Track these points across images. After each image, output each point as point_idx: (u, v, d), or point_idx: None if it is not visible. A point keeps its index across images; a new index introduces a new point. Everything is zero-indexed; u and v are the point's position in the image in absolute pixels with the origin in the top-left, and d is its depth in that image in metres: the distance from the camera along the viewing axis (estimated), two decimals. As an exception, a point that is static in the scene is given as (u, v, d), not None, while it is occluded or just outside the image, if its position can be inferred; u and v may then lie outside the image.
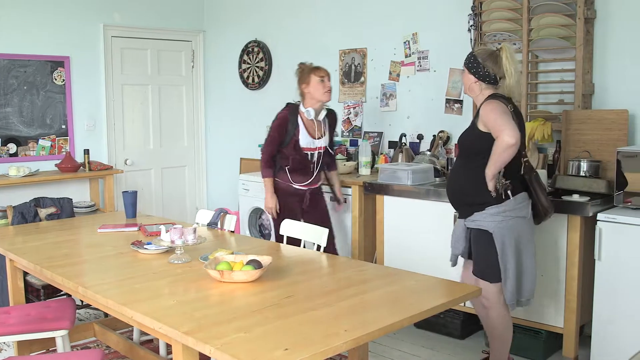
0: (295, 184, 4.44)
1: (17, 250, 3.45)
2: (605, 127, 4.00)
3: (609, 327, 3.58)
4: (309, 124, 4.43)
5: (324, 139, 4.49)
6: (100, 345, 4.22)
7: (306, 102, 4.42)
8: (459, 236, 3.52)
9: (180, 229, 3.13)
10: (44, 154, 6.11)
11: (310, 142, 4.42)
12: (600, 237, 3.57)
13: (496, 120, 3.19)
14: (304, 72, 4.42)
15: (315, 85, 4.35)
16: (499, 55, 3.35)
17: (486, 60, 3.35)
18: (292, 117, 4.40)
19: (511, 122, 3.18)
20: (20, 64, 5.90)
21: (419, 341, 4.30)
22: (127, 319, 2.51)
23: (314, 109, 4.40)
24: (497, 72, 3.34)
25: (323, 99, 4.38)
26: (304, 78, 4.40)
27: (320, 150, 4.47)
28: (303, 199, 4.48)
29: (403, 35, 5.30)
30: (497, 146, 3.18)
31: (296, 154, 4.39)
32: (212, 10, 7.10)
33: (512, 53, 3.34)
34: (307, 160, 4.44)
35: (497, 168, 3.24)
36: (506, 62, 3.32)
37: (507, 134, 3.12)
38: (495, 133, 3.19)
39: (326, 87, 4.36)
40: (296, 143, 4.37)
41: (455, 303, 2.57)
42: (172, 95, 7.03)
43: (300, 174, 4.45)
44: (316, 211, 4.52)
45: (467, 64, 3.43)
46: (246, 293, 2.58)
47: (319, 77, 4.35)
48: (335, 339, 2.07)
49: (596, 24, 4.18)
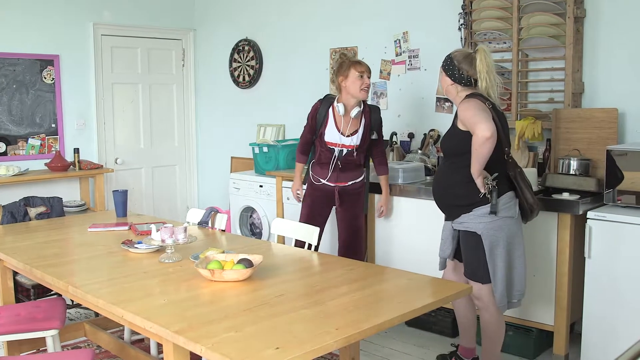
0: (316, 176, 4.36)
1: (7, 249, 3.43)
2: (595, 126, 4.02)
3: (599, 325, 3.60)
4: (339, 118, 4.25)
5: (354, 138, 4.24)
6: (90, 345, 4.21)
7: (342, 96, 4.24)
8: (446, 238, 3.52)
9: (171, 228, 3.12)
10: (33, 153, 6.08)
11: (337, 137, 4.23)
12: (590, 235, 3.58)
13: (472, 117, 3.20)
14: (343, 64, 4.20)
15: (353, 80, 4.13)
16: (474, 57, 3.34)
17: (461, 63, 3.35)
18: (323, 108, 4.29)
19: (486, 116, 3.18)
20: (9, 62, 5.86)
21: (410, 339, 4.31)
22: (118, 319, 2.50)
23: (347, 104, 4.21)
24: (472, 74, 3.34)
25: (359, 96, 4.16)
26: (342, 70, 4.18)
27: (347, 149, 4.24)
28: (333, 197, 4.33)
29: (394, 34, 5.30)
30: (474, 142, 3.18)
31: (322, 147, 4.28)
32: (203, 8, 7.08)
33: (487, 55, 3.32)
34: (331, 155, 4.26)
35: (480, 164, 3.22)
36: (480, 64, 3.30)
37: (481, 128, 3.12)
38: (472, 129, 3.20)
39: (364, 84, 4.14)
40: (321, 135, 4.27)
41: (446, 301, 2.57)
42: (163, 94, 7.01)
43: (323, 168, 4.32)
44: (347, 211, 4.35)
45: (444, 65, 3.44)
46: (237, 292, 2.58)
47: (359, 72, 4.13)
48: (326, 337, 2.07)
49: (586, 22, 4.20)
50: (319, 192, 4.35)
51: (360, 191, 4.38)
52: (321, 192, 4.35)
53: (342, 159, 4.27)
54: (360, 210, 4.40)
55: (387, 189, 4.42)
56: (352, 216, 4.36)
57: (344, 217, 4.35)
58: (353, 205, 4.37)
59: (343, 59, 4.29)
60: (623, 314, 3.50)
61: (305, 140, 4.40)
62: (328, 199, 4.34)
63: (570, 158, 3.98)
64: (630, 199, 3.59)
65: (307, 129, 4.39)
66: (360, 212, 4.41)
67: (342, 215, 4.36)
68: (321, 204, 4.36)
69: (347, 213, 4.35)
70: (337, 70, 4.24)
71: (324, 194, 4.34)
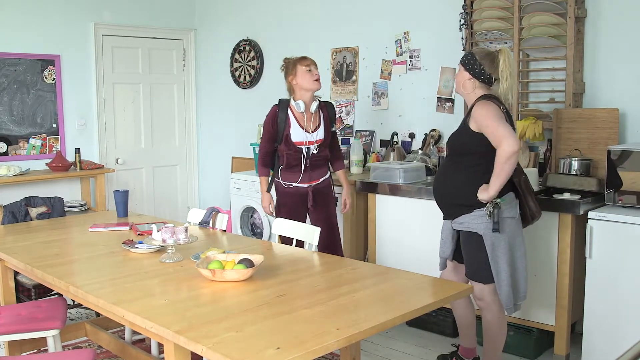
0: (287, 182, 4.32)
1: (8, 249, 3.43)
2: (596, 126, 4.02)
3: (600, 325, 3.60)
4: (300, 117, 4.28)
5: (319, 132, 4.31)
6: (91, 344, 4.21)
7: (296, 95, 4.29)
8: (446, 239, 3.51)
9: (172, 228, 3.12)
10: (34, 153, 6.09)
11: (303, 135, 4.26)
12: (591, 235, 3.58)
13: (496, 129, 3.15)
14: (289, 64, 4.29)
15: (302, 75, 4.21)
16: (497, 57, 3.32)
17: (483, 59, 3.33)
18: (281, 111, 4.29)
19: (509, 127, 3.16)
20: (10, 62, 5.87)
21: (411, 339, 4.31)
22: (119, 319, 2.50)
23: (304, 101, 4.26)
24: (492, 72, 3.32)
25: (313, 87, 4.23)
26: (289, 70, 4.27)
27: (316, 144, 4.28)
28: (306, 196, 4.32)
29: (394, 34, 5.30)
30: (499, 156, 3.13)
31: (289, 149, 4.25)
32: (204, 8, 7.09)
33: (510, 57, 3.32)
34: (300, 156, 4.27)
35: (502, 181, 3.17)
36: (503, 65, 3.29)
37: (509, 143, 3.09)
38: (495, 142, 3.16)
39: (314, 76, 4.22)
40: (287, 137, 4.24)
41: (446, 301, 2.57)
42: (164, 94, 7.02)
43: (293, 172, 4.30)
44: (322, 210, 4.35)
45: (464, 60, 3.42)
46: (238, 292, 2.58)
47: (305, 66, 4.22)
48: (327, 337, 2.07)
49: (587, 22, 4.20)
50: (292, 197, 4.33)
51: (329, 188, 4.43)
52: (294, 197, 4.32)
53: (310, 157, 4.30)
54: (333, 207, 4.44)
55: (347, 182, 4.49)
56: (327, 215, 4.37)
57: (319, 217, 4.33)
58: (326, 203, 4.39)
59: (287, 61, 4.35)
60: (624, 314, 3.50)
61: (267, 151, 4.35)
62: (302, 201, 4.33)
63: (571, 158, 3.98)
64: (631, 199, 3.59)
65: (265, 139, 4.34)
66: (334, 209, 4.44)
67: (317, 215, 4.35)
68: (297, 208, 4.32)
69: (322, 212, 4.36)
70: (285, 72, 4.33)
71: (297, 197, 4.32)
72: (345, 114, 5.75)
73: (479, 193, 3.24)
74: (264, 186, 4.39)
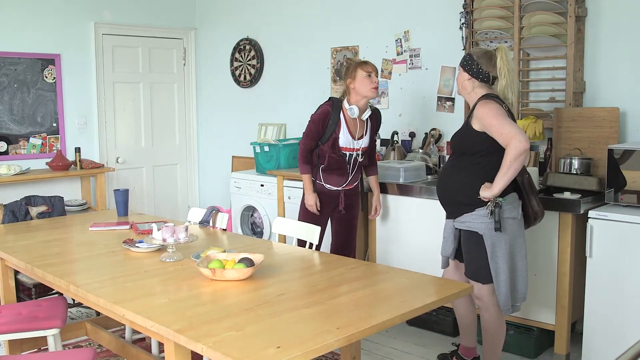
0: (329, 185, 4.25)
1: (8, 248, 3.43)
2: (596, 125, 4.02)
3: (600, 324, 3.60)
4: (351, 122, 4.19)
5: (364, 140, 4.25)
6: (92, 344, 4.21)
7: (351, 98, 4.15)
8: (448, 237, 3.50)
9: (172, 227, 3.12)
10: (34, 152, 6.09)
11: (350, 141, 4.18)
12: (592, 235, 3.58)
13: (503, 127, 3.14)
14: (350, 66, 4.16)
15: (361, 80, 4.07)
16: (494, 55, 3.32)
17: (480, 58, 3.34)
18: (334, 112, 4.16)
19: (515, 124, 3.16)
20: (11, 61, 5.87)
21: (411, 338, 4.31)
22: (119, 318, 2.51)
23: (359, 106, 4.14)
24: (490, 70, 3.32)
25: (370, 95, 4.10)
26: (349, 73, 4.13)
27: (359, 152, 4.23)
28: (338, 199, 4.28)
29: (395, 33, 5.30)
30: (508, 154, 3.12)
31: (333, 153, 4.16)
32: (204, 7, 7.09)
33: (508, 54, 3.32)
34: (344, 161, 4.20)
35: (509, 178, 3.16)
36: (500, 62, 3.29)
37: (519, 139, 3.08)
38: (503, 141, 3.15)
39: (373, 83, 4.09)
40: (335, 141, 4.14)
41: (447, 301, 2.57)
42: (164, 93, 7.02)
43: (335, 175, 4.23)
44: (347, 213, 4.33)
45: (462, 61, 3.42)
46: (238, 291, 2.58)
47: (366, 72, 4.08)
48: (327, 336, 2.07)
49: (587, 22, 4.20)
50: (324, 197, 4.28)
51: (358, 191, 4.40)
52: (326, 197, 4.28)
53: (353, 164, 4.26)
54: (357, 210, 4.42)
55: (378, 189, 4.45)
56: (351, 216, 4.37)
57: (343, 218, 4.34)
58: (353, 205, 4.37)
59: (349, 62, 4.23)
60: (624, 313, 3.50)
61: (309, 148, 4.22)
62: (332, 202, 4.29)
63: (572, 157, 3.98)
64: (632, 198, 3.59)
65: (312, 136, 4.20)
66: (358, 211, 4.43)
67: (343, 215, 4.34)
68: (324, 208, 4.29)
69: (347, 214, 4.35)
70: (345, 73, 4.20)
71: (329, 198, 4.28)
72: (345, 113, 5.74)
73: (482, 191, 3.23)
74: (310, 185, 4.22)
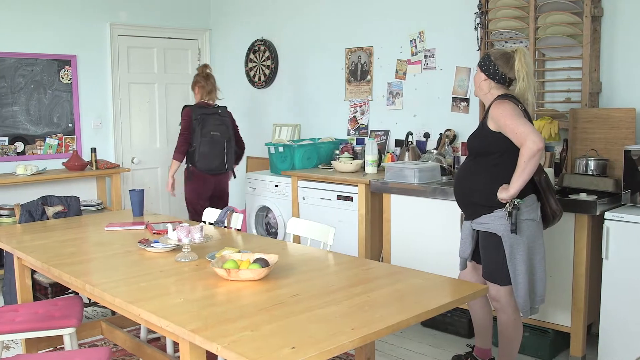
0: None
1: (25, 248, 3.46)
2: (612, 126, 3.99)
3: (616, 326, 3.57)
4: None
5: None
6: (107, 343, 4.23)
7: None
8: (466, 239, 3.49)
9: (187, 228, 3.13)
10: (51, 152, 6.13)
11: None
12: (608, 236, 3.56)
13: (517, 127, 3.12)
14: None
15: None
16: (512, 57, 3.30)
17: (498, 59, 3.32)
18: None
19: (530, 124, 3.14)
20: (28, 62, 5.92)
21: (425, 340, 4.30)
22: (134, 317, 2.52)
23: None
24: (507, 72, 3.30)
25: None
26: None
27: None
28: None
29: (409, 33, 5.29)
30: (523, 154, 3.10)
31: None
32: (219, 8, 7.11)
33: (527, 56, 3.29)
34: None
35: (525, 179, 3.14)
36: (519, 64, 3.27)
37: (533, 139, 3.06)
38: (518, 140, 3.13)
39: None
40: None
41: (462, 302, 2.56)
42: (179, 94, 7.04)
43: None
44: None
45: (480, 62, 3.41)
46: (253, 291, 2.59)
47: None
48: (341, 337, 2.07)
49: (603, 21, 4.17)
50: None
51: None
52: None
53: None
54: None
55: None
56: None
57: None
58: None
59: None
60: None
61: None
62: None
63: (588, 158, 3.95)
64: (649, 199, 3.56)
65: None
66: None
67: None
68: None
69: None
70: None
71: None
72: (359, 114, 5.75)
73: (499, 192, 3.22)
74: None
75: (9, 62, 5.82)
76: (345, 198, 4.92)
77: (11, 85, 5.84)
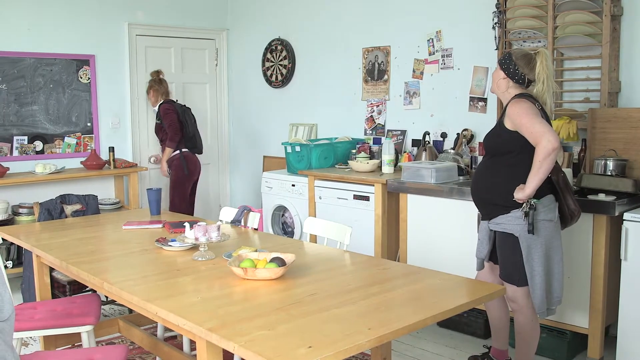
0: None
1: (44, 246, 3.49)
2: (631, 126, 3.96)
3: (635, 328, 3.54)
4: None
5: None
6: (124, 341, 4.26)
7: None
8: (483, 239, 3.47)
9: (204, 227, 3.14)
10: (69, 151, 6.18)
11: None
12: (627, 237, 3.53)
13: (533, 126, 3.10)
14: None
15: None
16: (533, 59, 3.28)
17: (519, 59, 3.30)
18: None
19: (546, 123, 3.12)
20: (47, 62, 5.97)
21: (441, 340, 4.29)
22: (152, 315, 2.53)
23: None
24: (527, 73, 3.28)
25: None
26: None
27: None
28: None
29: (427, 33, 5.28)
30: (538, 154, 3.08)
31: None
32: (236, 8, 7.13)
33: (548, 59, 3.27)
34: None
35: (541, 179, 3.12)
36: (540, 67, 3.26)
37: (548, 139, 3.04)
38: (533, 139, 3.12)
39: None
40: None
41: (478, 302, 2.55)
42: (196, 93, 7.07)
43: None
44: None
45: (501, 60, 3.39)
46: (269, 290, 2.59)
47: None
48: (358, 337, 2.07)
49: (623, 21, 4.14)
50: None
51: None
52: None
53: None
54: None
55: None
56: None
57: None
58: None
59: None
60: (660, 318, 3.44)
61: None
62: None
63: (606, 158, 3.92)
64: (668, 200, 3.53)
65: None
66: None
67: None
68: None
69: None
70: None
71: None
72: (376, 114, 5.74)
73: (516, 192, 3.20)
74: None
75: (29, 61, 5.87)
76: (362, 198, 4.92)
77: (30, 84, 5.90)
